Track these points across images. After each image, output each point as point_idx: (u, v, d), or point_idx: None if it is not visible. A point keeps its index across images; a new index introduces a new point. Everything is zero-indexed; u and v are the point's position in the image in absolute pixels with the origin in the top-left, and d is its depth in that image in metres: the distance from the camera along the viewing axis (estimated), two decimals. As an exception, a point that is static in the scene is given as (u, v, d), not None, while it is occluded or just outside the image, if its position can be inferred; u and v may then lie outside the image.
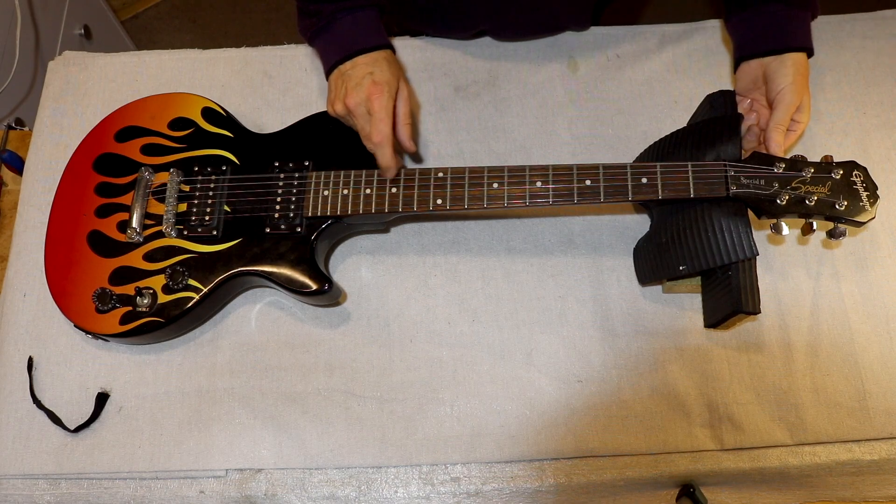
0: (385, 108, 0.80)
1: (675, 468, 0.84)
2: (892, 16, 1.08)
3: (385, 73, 0.82)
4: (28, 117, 1.36)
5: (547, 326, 0.89)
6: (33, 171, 1.00)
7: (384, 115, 0.80)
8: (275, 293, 0.92)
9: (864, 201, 0.75)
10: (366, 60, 0.83)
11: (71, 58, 1.08)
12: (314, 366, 0.88)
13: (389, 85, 0.81)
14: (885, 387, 0.86)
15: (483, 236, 0.94)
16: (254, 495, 0.83)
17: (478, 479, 0.84)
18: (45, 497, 0.84)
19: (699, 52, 1.06)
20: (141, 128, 0.92)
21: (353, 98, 0.81)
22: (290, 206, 0.84)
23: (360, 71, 0.82)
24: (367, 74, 0.81)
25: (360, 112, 0.81)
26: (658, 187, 0.78)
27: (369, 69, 0.82)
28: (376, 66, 0.82)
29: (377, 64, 0.82)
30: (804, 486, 0.89)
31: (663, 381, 0.86)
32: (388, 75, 0.82)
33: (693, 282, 0.87)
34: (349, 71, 0.83)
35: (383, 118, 0.80)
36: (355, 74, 0.82)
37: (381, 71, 0.82)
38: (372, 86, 0.80)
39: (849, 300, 0.90)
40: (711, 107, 0.87)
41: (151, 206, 0.87)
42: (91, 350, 0.89)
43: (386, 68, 0.82)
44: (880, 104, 1.01)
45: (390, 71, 0.83)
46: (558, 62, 1.05)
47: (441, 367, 0.88)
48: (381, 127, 0.80)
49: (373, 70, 0.82)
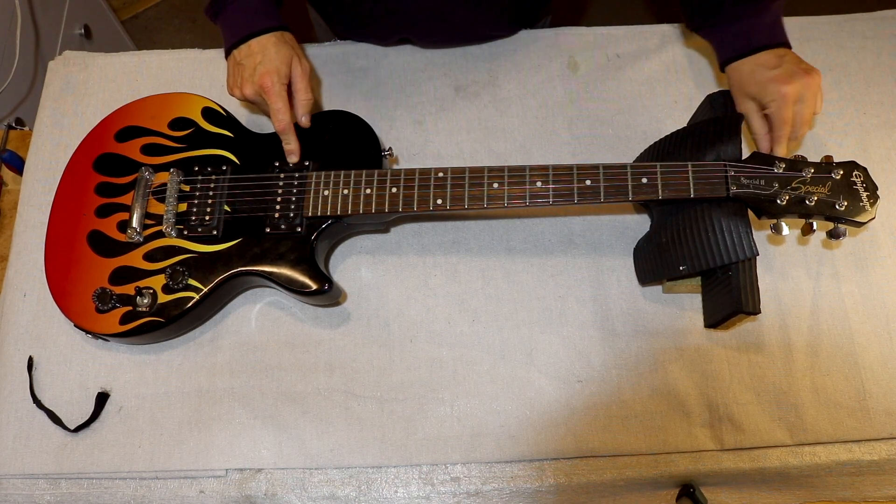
0: (278, 95, 0.83)
1: (675, 468, 0.84)
2: (892, 16, 1.08)
3: (273, 60, 0.84)
4: (28, 117, 1.36)
5: (547, 326, 0.89)
6: (33, 171, 1.00)
7: (280, 104, 0.83)
8: (275, 293, 0.91)
9: (864, 201, 0.75)
10: (256, 47, 0.84)
11: (71, 58, 1.08)
12: (314, 366, 0.88)
13: (279, 72, 0.83)
14: (885, 387, 0.86)
15: (483, 236, 0.94)
16: (254, 495, 0.83)
17: (478, 479, 0.84)
18: (45, 497, 0.84)
19: (699, 52, 1.06)
20: (141, 128, 0.92)
21: (248, 88, 0.84)
22: (290, 206, 0.84)
23: (251, 60, 0.84)
24: (258, 64, 0.84)
25: (259, 101, 0.86)
26: (658, 187, 0.78)
27: (259, 57, 0.84)
28: (265, 52, 0.84)
29: (266, 50, 0.84)
30: (804, 487, 0.89)
31: (663, 381, 0.86)
32: (277, 61, 0.84)
33: (693, 282, 0.87)
34: (242, 60, 0.85)
35: (280, 107, 0.83)
36: (247, 64, 0.85)
37: (270, 58, 0.84)
38: (263, 76, 0.83)
39: (849, 300, 0.90)
40: (711, 107, 0.87)
41: (151, 205, 0.87)
42: (91, 350, 0.89)
43: (274, 54, 0.84)
44: (880, 104, 1.01)
45: (279, 55, 0.84)
46: (558, 62, 1.05)
47: (441, 367, 0.88)
48: (279, 115, 0.84)
49: (262, 58, 0.84)
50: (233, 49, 0.86)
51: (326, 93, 1.04)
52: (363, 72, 1.05)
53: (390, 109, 1.03)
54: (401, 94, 1.04)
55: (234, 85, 0.86)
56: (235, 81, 0.86)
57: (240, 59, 0.85)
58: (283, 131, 0.85)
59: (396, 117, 1.02)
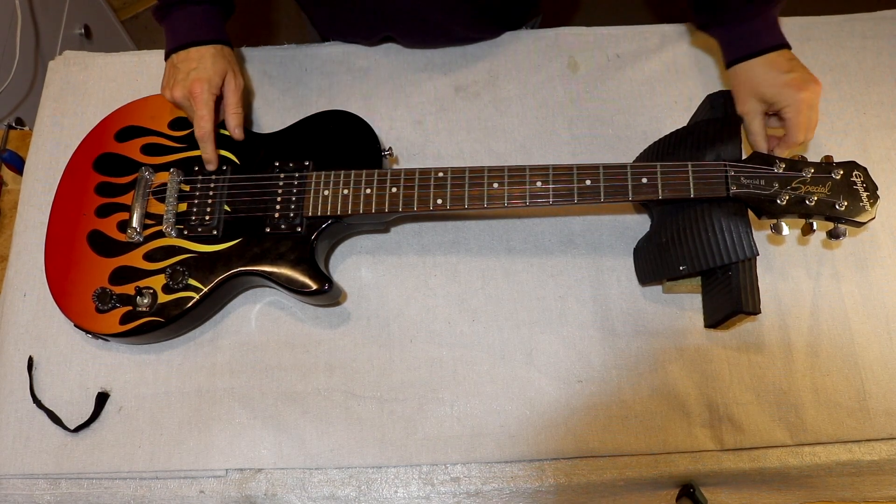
0: (205, 103, 0.85)
1: (675, 468, 0.84)
2: (892, 16, 1.08)
3: (208, 70, 0.86)
4: (28, 117, 1.36)
5: (547, 326, 0.89)
6: (33, 171, 1.00)
7: (205, 111, 0.85)
8: (275, 293, 0.91)
9: (864, 201, 0.75)
10: (194, 55, 0.86)
11: (71, 58, 1.08)
12: (314, 366, 0.88)
13: (210, 81, 0.85)
14: (885, 387, 0.86)
15: (483, 236, 0.94)
16: (254, 495, 0.83)
17: (478, 479, 0.84)
18: (45, 497, 0.84)
19: (699, 52, 1.06)
20: (141, 127, 0.92)
21: (178, 91, 0.85)
22: (291, 206, 0.84)
23: (186, 65, 0.86)
24: (192, 70, 0.86)
25: (186, 105, 0.87)
26: (658, 187, 0.78)
27: (195, 64, 0.86)
28: (201, 61, 0.86)
29: (202, 59, 0.86)
30: (804, 487, 0.89)
31: (663, 381, 0.86)
32: (211, 71, 0.86)
33: (693, 282, 0.87)
34: (179, 64, 0.87)
35: (204, 115, 0.85)
36: (182, 68, 0.86)
37: (205, 67, 0.86)
38: (194, 82, 0.85)
39: (849, 300, 0.90)
40: (711, 107, 0.87)
41: (151, 205, 0.87)
42: (91, 350, 0.89)
43: (210, 64, 0.86)
44: (880, 104, 1.01)
45: (214, 66, 0.86)
46: (558, 62, 1.05)
47: (441, 367, 0.88)
48: (201, 123, 0.85)
49: (197, 65, 0.86)
50: (172, 53, 0.88)
51: (326, 93, 1.04)
52: (363, 72, 1.05)
53: (390, 109, 1.03)
54: (401, 94, 1.04)
55: (167, 86, 0.87)
56: (168, 83, 0.87)
57: (176, 63, 0.87)
58: (201, 138, 0.86)
59: (396, 117, 1.02)
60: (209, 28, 0.89)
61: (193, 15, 0.88)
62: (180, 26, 0.88)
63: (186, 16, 0.88)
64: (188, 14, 0.88)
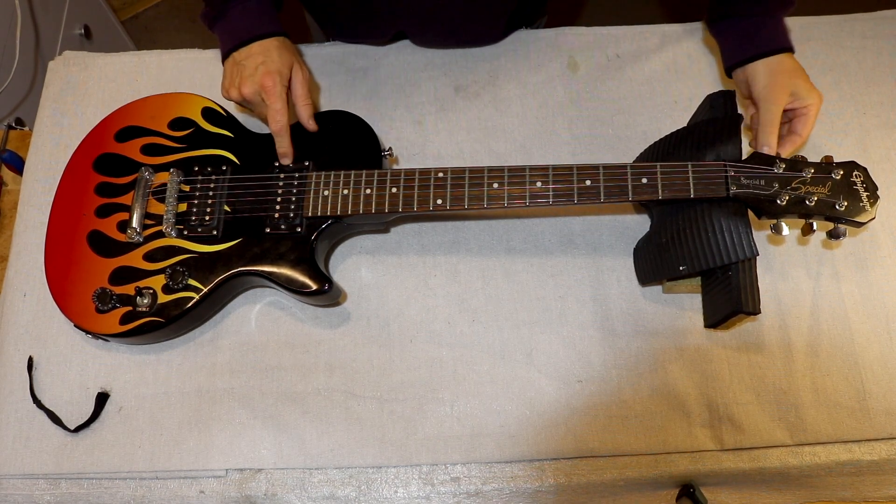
0: (279, 96, 0.83)
1: (675, 468, 0.84)
2: (892, 16, 1.08)
3: (276, 62, 0.84)
4: (28, 117, 1.36)
5: (547, 326, 0.89)
6: (33, 171, 1.00)
7: (280, 104, 0.84)
8: (275, 293, 0.91)
9: (864, 202, 0.75)
10: (258, 49, 0.85)
11: (71, 58, 1.08)
12: (314, 366, 0.88)
13: (281, 74, 0.84)
14: (885, 387, 0.86)
15: (483, 236, 0.94)
16: (254, 495, 0.83)
17: (478, 479, 0.84)
18: (45, 497, 0.84)
19: (699, 52, 1.06)
20: (141, 128, 0.92)
21: (247, 87, 0.84)
22: (290, 206, 0.84)
23: (252, 60, 0.85)
24: (260, 64, 0.84)
25: (257, 100, 0.85)
26: (658, 187, 0.78)
27: (261, 58, 0.84)
28: (267, 54, 0.85)
29: (268, 52, 0.85)
30: (804, 487, 0.89)
31: (663, 381, 0.86)
32: (279, 63, 0.84)
33: (693, 282, 0.87)
34: (243, 60, 0.85)
35: (279, 108, 0.84)
36: (248, 64, 0.85)
37: (272, 59, 0.84)
38: (265, 76, 0.83)
39: (849, 300, 0.90)
40: (711, 107, 0.87)
41: (151, 206, 0.87)
42: (91, 350, 0.89)
43: (276, 56, 0.85)
44: (880, 104, 1.01)
45: (281, 58, 0.85)
46: (558, 62, 1.05)
47: (441, 367, 0.88)
48: (277, 117, 0.84)
49: (264, 59, 0.84)
50: (233, 51, 0.86)
51: (326, 93, 1.04)
52: (363, 72, 1.05)
53: (390, 109, 1.03)
54: (401, 94, 1.04)
55: (232, 84, 0.86)
56: (233, 81, 0.86)
57: (240, 60, 0.85)
58: (279, 132, 0.85)
59: (396, 117, 1.02)
60: (269, 21, 0.87)
61: (249, 11, 0.87)
62: (237, 24, 0.87)
63: (242, 12, 0.87)
64: (244, 11, 0.87)
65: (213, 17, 0.88)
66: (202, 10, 0.90)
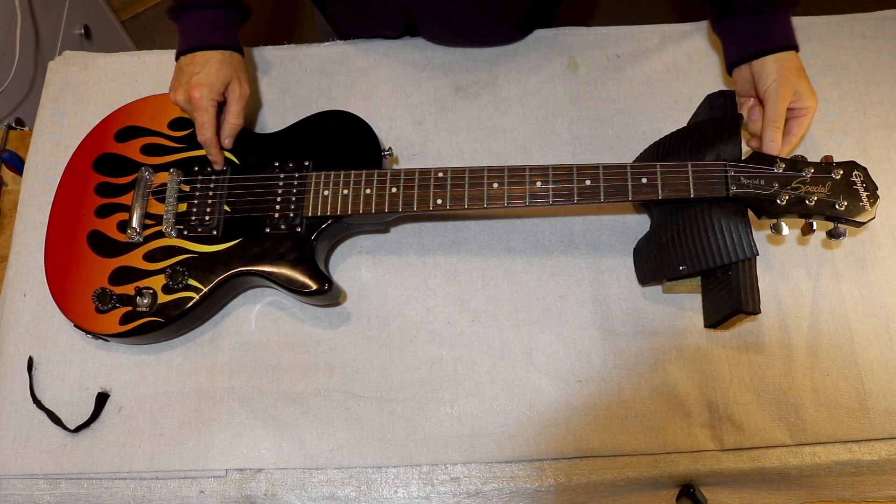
0: (204, 109, 0.84)
1: (675, 468, 0.84)
2: (892, 16, 1.08)
3: (210, 76, 0.85)
4: (28, 117, 1.36)
5: (547, 326, 0.89)
6: (33, 171, 1.00)
7: (205, 118, 0.85)
8: (275, 293, 0.92)
9: (864, 201, 0.75)
10: (200, 59, 0.86)
11: (71, 58, 1.08)
12: (314, 366, 0.88)
13: (211, 87, 0.84)
14: (885, 387, 0.86)
15: (483, 236, 0.94)
16: (254, 495, 0.83)
17: (478, 479, 0.84)
18: (45, 497, 0.84)
19: (699, 52, 1.06)
20: (141, 128, 0.92)
21: (179, 94, 0.85)
22: (290, 206, 0.84)
23: (190, 69, 0.85)
24: (195, 74, 0.85)
25: (188, 109, 0.86)
26: (658, 187, 0.78)
27: (197, 69, 0.85)
28: (206, 66, 0.85)
29: (208, 64, 0.85)
30: (804, 486, 0.89)
31: (663, 381, 0.86)
32: (213, 78, 0.85)
33: (693, 282, 0.87)
34: (185, 67, 0.86)
35: (203, 121, 0.85)
36: (187, 71, 0.86)
37: (208, 73, 0.85)
38: (193, 87, 0.84)
39: (849, 300, 0.90)
40: (711, 107, 0.87)
41: (151, 206, 0.87)
42: (91, 350, 0.89)
43: (214, 70, 0.85)
44: (880, 104, 1.01)
45: (218, 73, 0.85)
46: (558, 62, 1.05)
47: (441, 367, 0.88)
48: (201, 130, 0.85)
49: (200, 70, 0.85)
50: (180, 55, 0.87)
51: (326, 93, 1.04)
52: (363, 72, 1.05)
53: (390, 109, 1.03)
54: (401, 94, 1.04)
55: (172, 88, 0.87)
56: (173, 85, 0.87)
57: (182, 66, 0.87)
58: (204, 142, 0.86)
59: (396, 117, 1.02)
60: (220, 33, 0.88)
61: (205, 18, 0.88)
62: (191, 29, 0.87)
63: (198, 19, 0.87)
64: (200, 17, 0.88)
65: (174, 15, 0.89)
66: (170, 4, 0.90)
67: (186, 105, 0.86)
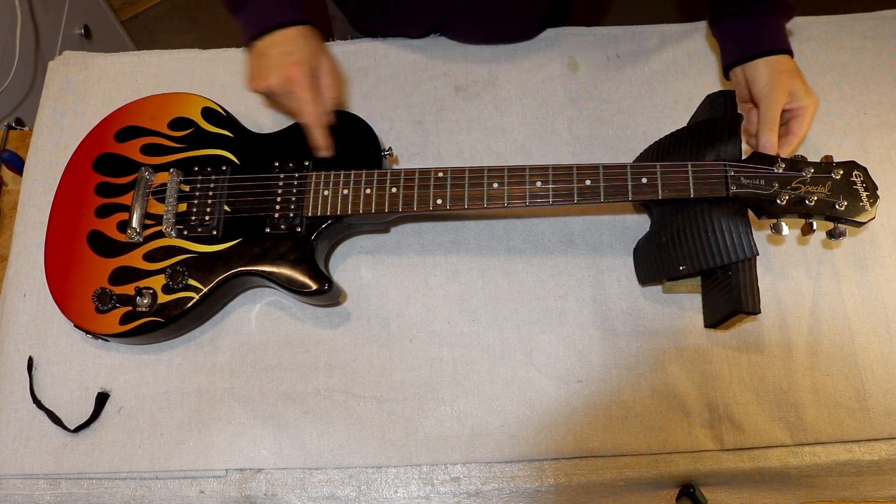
0: (308, 87, 0.80)
1: (675, 468, 0.84)
2: (892, 16, 1.08)
3: (303, 52, 0.80)
4: (28, 117, 1.36)
5: (547, 326, 0.89)
6: (33, 171, 1.00)
7: (309, 95, 0.80)
8: (275, 293, 0.92)
9: (864, 201, 0.75)
10: (282, 38, 0.81)
11: (71, 58, 1.08)
12: (314, 366, 0.88)
13: (309, 64, 0.81)
14: (885, 387, 0.86)
15: (483, 236, 0.94)
16: (254, 495, 0.83)
17: (478, 479, 0.84)
18: (45, 497, 0.84)
19: (699, 52, 1.06)
20: (141, 128, 0.92)
21: (273, 78, 0.80)
22: (290, 206, 0.84)
23: (276, 50, 0.80)
24: (285, 54, 0.80)
25: (283, 92, 0.81)
26: (658, 187, 0.78)
27: (286, 48, 0.80)
28: (293, 44, 0.81)
29: (294, 42, 0.81)
30: (804, 487, 0.89)
31: (663, 381, 0.86)
32: (306, 53, 0.81)
33: (693, 282, 0.87)
34: (266, 50, 0.81)
35: (308, 99, 0.80)
36: (272, 53, 0.81)
37: (299, 49, 0.80)
38: (291, 66, 0.79)
39: (849, 300, 0.90)
40: (711, 107, 0.87)
41: (151, 206, 0.87)
42: (91, 350, 0.89)
43: (303, 46, 0.81)
44: (880, 104, 1.01)
45: (308, 48, 0.81)
46: (558, 62, 1.05)
47: (441, 367, 0.88)
48: (307, 109, 0.80)
49: (290, 49, 0.80)
50: (255, 40, 0.82)
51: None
52: (363, 72, 1.05)
53: (390, 109, 1.03)
54: (401, 94, 1.04)
55: (258, 76, 0.81)
56: (258, 72, 0.81)
57: (263, 50, 0.81)
58: (311, 125, 0.81)
59: (396, 117, 1.02)
60: (289, 9, 0.83)
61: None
62: (262, 10, 0.82)
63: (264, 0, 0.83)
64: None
65: (235, 6, 0.85)
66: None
67: (282, 87, 0.80)
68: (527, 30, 1.06)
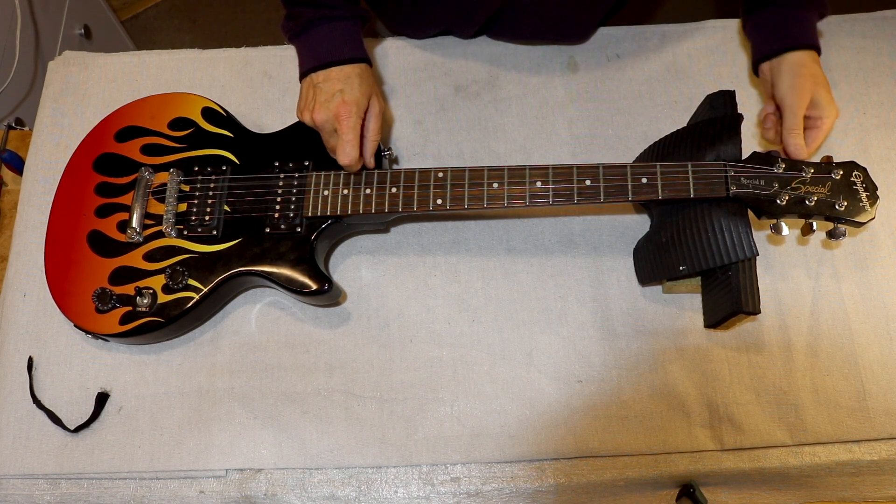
0: (353, 129, 0.79)
1: (675, 468, 0.84)
2: (892, 16, 1.08)
3: (355, 92, 0.81)
4: (28, 117, 1.36)
5: (547, 326, 0.89)
6: (33, 171, 1.00)
7: (351, 136, 0.79)
8: (275, 293, 0.92)
9: (864, 202, 0.75)
10: (338, 75, 0.82)
11: (71, 58, 1.08)
12: (314, 366, 0.88)
13: (358, 105, 0.80)
14: (885, 387, 0.86)
15: (483, 236, 0.94)
16: (254, 495, 0.83)
17: (478, 479, 0.84)
18: (45, 497, 0.84)
19: (699, 52, 1.06)
20: (141, 128, 0.92)
21: (320, 114, 0.80)
22: (290, 206, 0.84)
23: (330, 86, 0.81)
24: (338, 92, 0.80)
25: (327, 129, 0.82)
26: (658, 187, 0.78)
27: (340, 85, 0.81)
28: (348, 82, 0.81)
29: (349, 80, 0.81)
30: (804, 487, 0.89)
31: (663, 381, 0.86)
32: (358, 94, 0.81)
33: (693, 282, 0.87)
34: (321, 84, 0.82)
35: (350, 140, 0.79)
36: (326, 89, 0.81)
37: (352, 89, 0.81)
38: (341, 105, 0.79)
39: (849, 300, 0.90)
40: (711, 107, 0.87)
41: (151, 206, 0.87)
42: (91, 350, 0.89)
43: (357, 85, 0.81)
44: (880, 104, 1.01)
45: (361, 89, 0.81)
46: (558, 62, 1.05)
47: (441, 367, 0.88)
48: (347, 149, 0.79)
49: (343, 87, 0.81)
50: (311, 72, 0.83)
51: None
52: (363, 72, 1.05)
53: (390, 109, 1.03)
54: (401, 94, 1.04)
55: (306, 108, 0.82)
56: (307, 104, 0.82)
57: (317, 83, 0.82)
58: (349, 166, 0.80)
59: (396, 117, 1.02)
60: (352, 46, 0.83)
61: (335, 31, 0.83)
62: (321, 43, 0.83)
63: (328, 32, 0.83)
64: (330, 30, 0.83)
65: (295, 33, 0.85)
66: (283, 23, 0.87)
67: (328, 124, 0.81)
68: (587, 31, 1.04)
